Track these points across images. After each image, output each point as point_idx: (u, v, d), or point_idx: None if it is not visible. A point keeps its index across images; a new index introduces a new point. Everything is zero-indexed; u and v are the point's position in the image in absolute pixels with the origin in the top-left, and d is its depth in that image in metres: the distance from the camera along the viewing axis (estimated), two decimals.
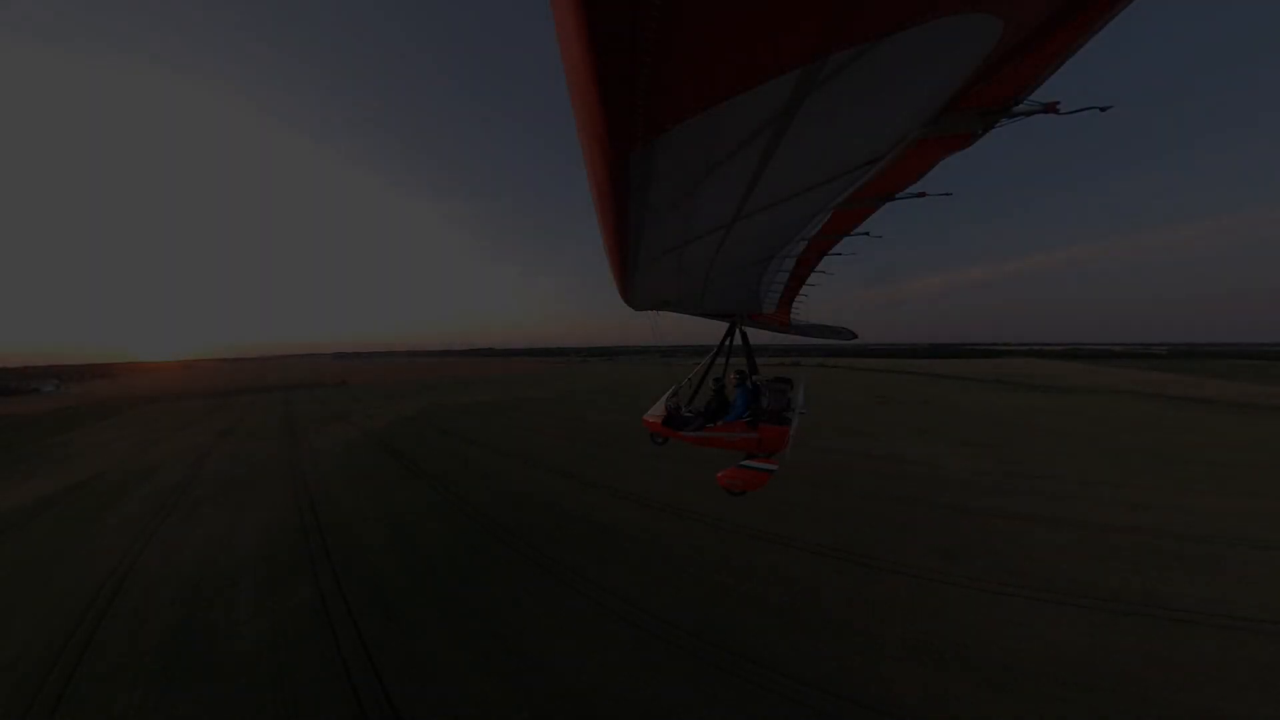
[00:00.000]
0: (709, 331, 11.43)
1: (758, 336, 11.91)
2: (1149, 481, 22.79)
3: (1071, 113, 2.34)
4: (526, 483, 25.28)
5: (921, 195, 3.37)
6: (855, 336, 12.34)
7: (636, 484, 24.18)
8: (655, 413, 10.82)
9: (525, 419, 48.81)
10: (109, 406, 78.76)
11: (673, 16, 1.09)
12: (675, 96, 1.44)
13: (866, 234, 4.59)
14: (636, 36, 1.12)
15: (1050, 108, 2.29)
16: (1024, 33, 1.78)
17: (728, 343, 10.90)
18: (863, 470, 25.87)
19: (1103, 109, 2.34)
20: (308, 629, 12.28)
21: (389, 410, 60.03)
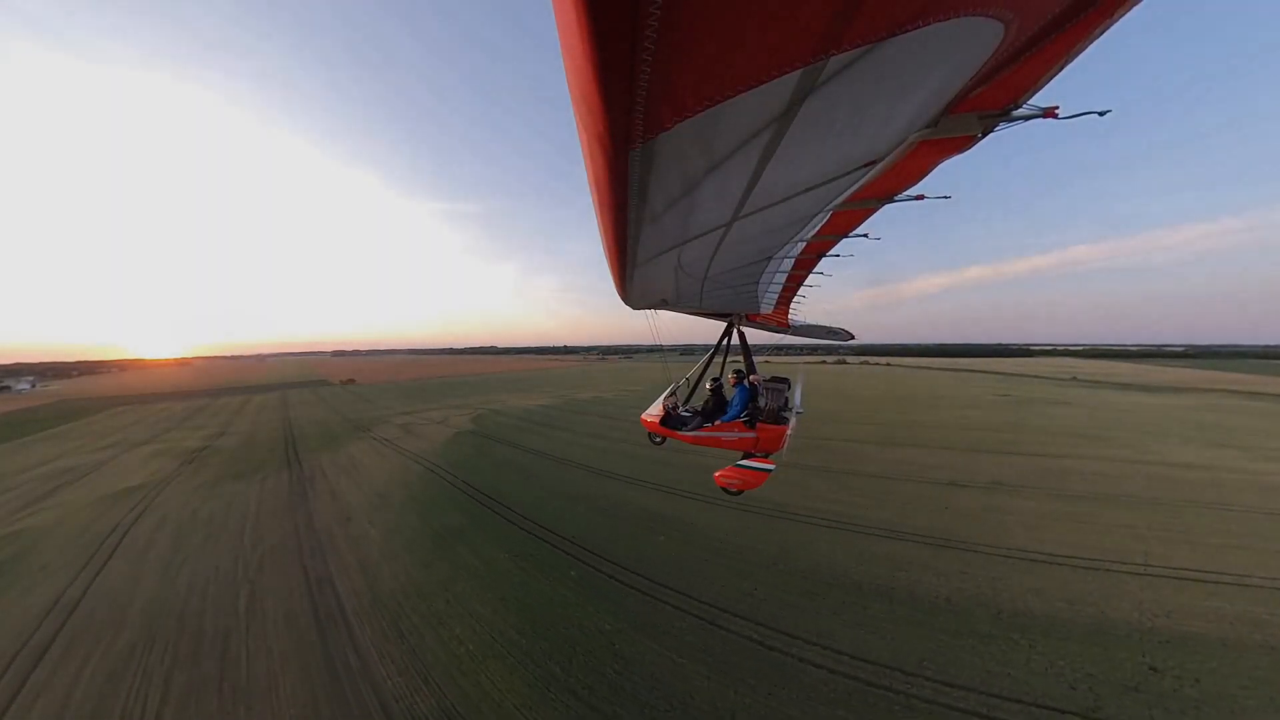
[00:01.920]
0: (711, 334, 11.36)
1: (764, 336, 11.90)
2: None
3: (1070, 117, 2.34)
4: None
5: (920, 198, 3.38)
6: (853, 337, 12.37)
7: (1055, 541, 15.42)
8: (653, 412, 10.84)
9: (630, 430, 32.68)
10: (72, 410, 61.97)
11: (674, 15, 1.09)
12: (675, 95, 1.44)
13: (865, 236, 4.60)
14: (638, 35, 1.12)
15: (1049, 112, 2.30)
16: (1025, 37, 1.79)
17: (725, 342, 10.92)
18: (1191, 481, 21.87)
19: (1101, 113, 2.34)
20: None
21: (428, 417, 42.44)
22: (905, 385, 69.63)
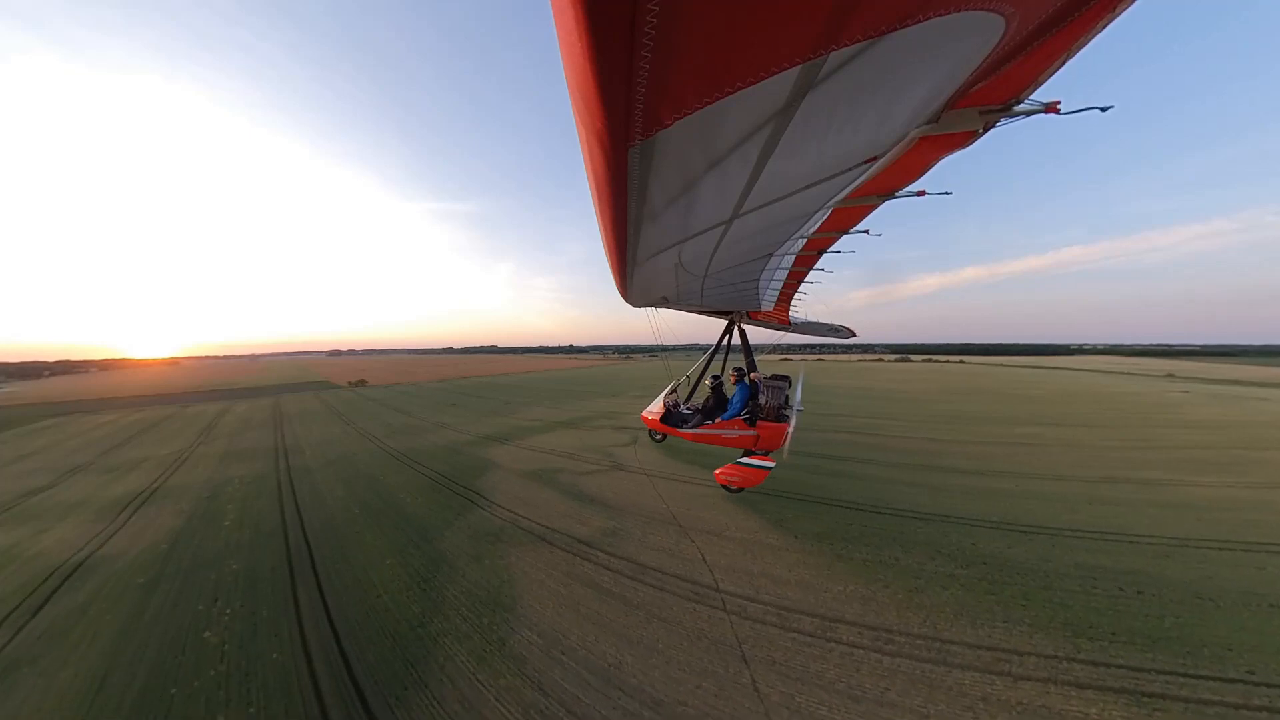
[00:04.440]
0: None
1: (767, 337, 11.82)
2: None
3: (1071, 113, 2.34)
4: None
5: (921, 194, 3.37)
6: (854, 335, 12.35)
7: None
8: (654, 409, 10.87)
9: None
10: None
11: (673, 11, 1.09)
12: (674, 92, 1.43)
13: (866, 232, 4.59)
14: (636, 31, 1.11)
15: (1051, 108, 2.30)
16: (1026, 31, 1.78)
17: (726, 340, 10.94)
18: None
19: (1103, 109, 2.34)
20: None
21: (553, 446, 17.17)
22: (1045, 386, 54.89)
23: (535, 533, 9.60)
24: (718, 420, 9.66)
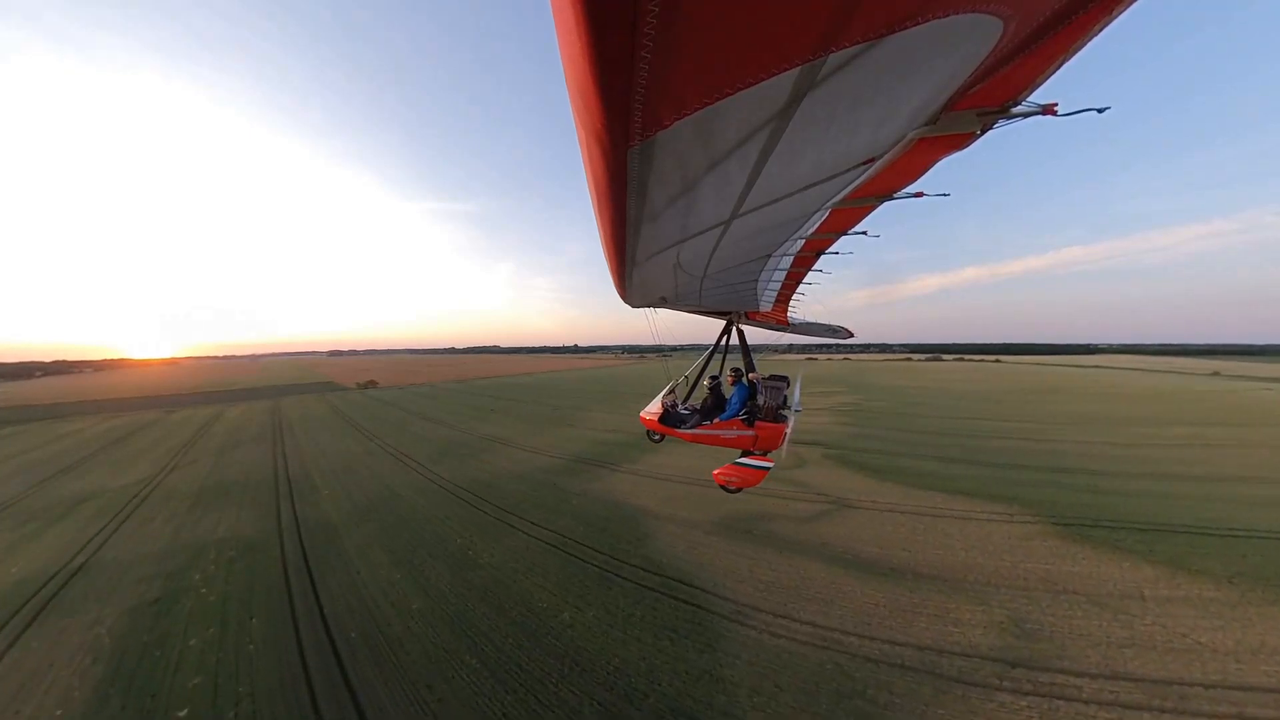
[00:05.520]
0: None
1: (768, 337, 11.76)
2: None
3: (1069, 114, 2.34)
4: None
5: (919, 195, 3.38)
6: (852, 335, 12.37)
7: None
8: (652, 410, 10.87)
9: None
10: None
11: (673, 12, 1.09)
12: (674, 93, 1.44)
13: (864, 234, 4.60)
14: (637, 32, 1.12)
15: (1048, 109, 2.30)
16: (1024, 34, 1.79)
17: (724, 341, 10.94)
18: None
19: (1100, 110, 2.35)
20: None
21: (697, 465, 14.72)
22: (1124, 386, 50.16)
23: (905, 663, 5.34)
24: (716, 421, 9.66)
